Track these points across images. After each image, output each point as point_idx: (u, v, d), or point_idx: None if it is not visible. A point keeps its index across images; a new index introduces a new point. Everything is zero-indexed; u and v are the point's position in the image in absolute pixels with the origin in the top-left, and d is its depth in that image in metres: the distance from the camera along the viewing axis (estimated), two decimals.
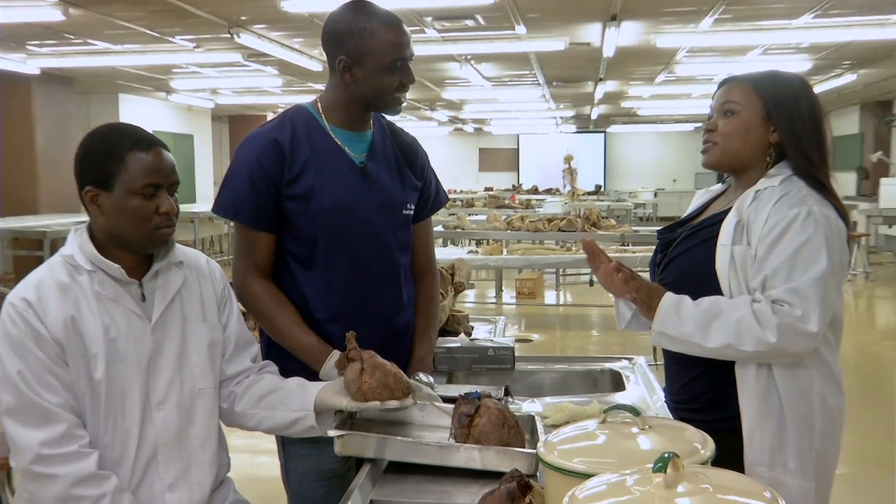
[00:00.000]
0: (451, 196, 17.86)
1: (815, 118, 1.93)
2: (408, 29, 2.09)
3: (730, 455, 1.85)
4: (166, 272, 1.89)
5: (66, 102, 12.13)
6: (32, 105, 11.40)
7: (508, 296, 10.38)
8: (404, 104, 2.14)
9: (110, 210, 1.78)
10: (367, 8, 2.07)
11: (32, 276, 1.81)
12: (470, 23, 8.23)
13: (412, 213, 2.24)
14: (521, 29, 8.48)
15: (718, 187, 2.16)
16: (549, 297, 10.70)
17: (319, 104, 2.16)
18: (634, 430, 1.38)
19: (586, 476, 1.21)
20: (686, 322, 1.83)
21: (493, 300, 10.17)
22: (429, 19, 8.06)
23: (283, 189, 2.07)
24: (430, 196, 2.32)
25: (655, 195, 21.18)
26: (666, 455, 1.07)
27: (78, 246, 1.82)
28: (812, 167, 1.90)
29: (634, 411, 1.40)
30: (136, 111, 14.55)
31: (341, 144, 2.12)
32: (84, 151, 1.81)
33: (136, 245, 1.82)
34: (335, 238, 2.09)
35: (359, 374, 1.82)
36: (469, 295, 10.64)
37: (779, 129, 1.92)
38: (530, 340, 8.08)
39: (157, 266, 1.87)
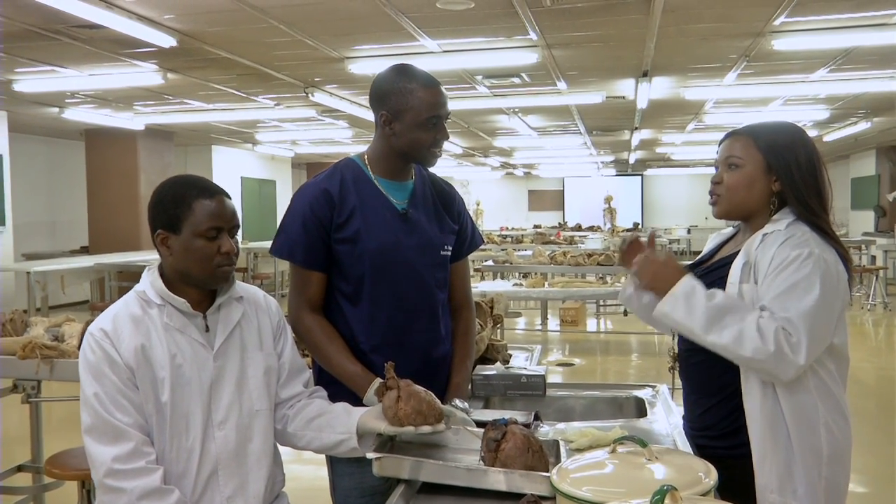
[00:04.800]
0: (502, 233, 17.97)
1: (813, 167, 1.85)
2: (444, 90, 2.07)
3: (744, 480, 1.76)
4: (227, 306, 1.89)
5: (167, 153, 12.46)
6: (138, 156, 11.75)
7: (554, 323, 10.25)
8: (439, 157, 2.11)
9: (178, 250, 1.79)
10: (409, 70, 2.06)
11: (110, 309, 1.83)
12: (516, 80, 8.24)
13: (449, 253, 2.20)
14: (562, 85, 8.46)
15: (729, 231, 2.11)
16: (591, 324, 10.55)
17: (366, 156, 2.15)
18: (643, 460, 1.31)
19: None
20: (693, 314, 1.74)
21: (540, 328, 10.06)
22: (480, 77, 8.09)
23: (333, 233, 2.06)
24: (467, 238, 2.29)
25: (689, 231, 20.86)
26: (665, 488, 1.01)
27: (150, 283, 1.83)
28: (813, 215, 1.83)
29: (642, 443, 1.33)
30: (227, 160, 14.88)
31: (385, 192, 2.11)
32: (156, 199, 1.82)
33: (200, 281, 1.82)
34: (379, 277, 2.06)
35: (395, 402, 1.78)
36: (519, 322, 10.56)
37: (779, 179, 1.86)
38: (573, 364, 7.94)
39: (219, 300, 1.87)
